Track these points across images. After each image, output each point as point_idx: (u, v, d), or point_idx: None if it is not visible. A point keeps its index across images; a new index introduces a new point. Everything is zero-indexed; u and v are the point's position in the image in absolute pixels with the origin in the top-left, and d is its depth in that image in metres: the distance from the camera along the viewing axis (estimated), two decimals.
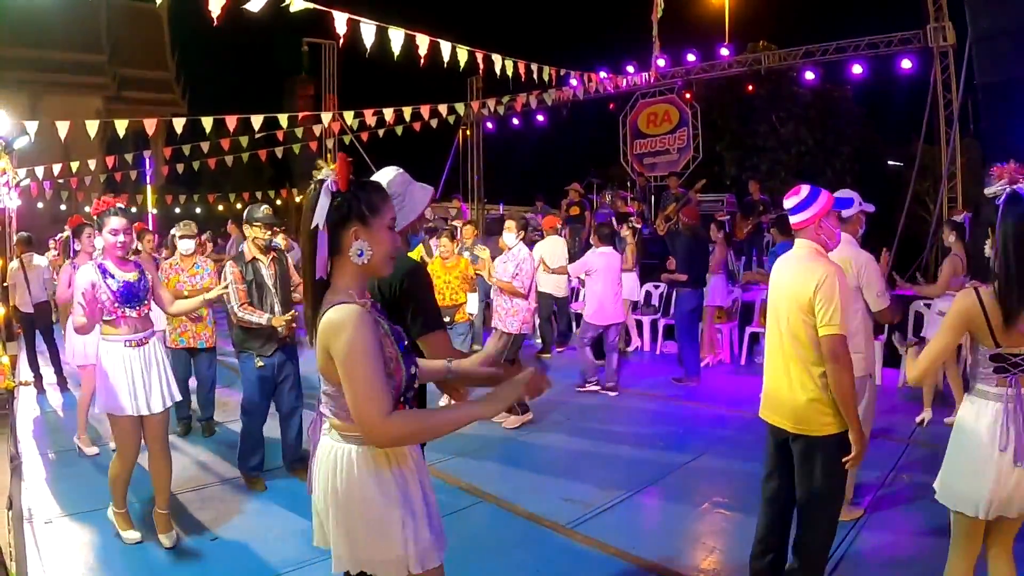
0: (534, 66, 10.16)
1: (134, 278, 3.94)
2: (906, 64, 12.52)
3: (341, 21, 6.97)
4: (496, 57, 9.20)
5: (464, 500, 4.66)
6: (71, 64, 28.13)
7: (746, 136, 23.82)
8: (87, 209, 4.05)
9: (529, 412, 6.39)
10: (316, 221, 1.84)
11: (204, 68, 34.42)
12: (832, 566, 3.65)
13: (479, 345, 9.90)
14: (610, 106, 17.93)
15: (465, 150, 20.16)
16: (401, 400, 1.94)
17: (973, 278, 5.94)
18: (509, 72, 9.52)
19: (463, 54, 8.42)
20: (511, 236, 6.82)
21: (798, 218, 3.17)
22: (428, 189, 2.59)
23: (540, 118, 18.55)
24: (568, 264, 9.05)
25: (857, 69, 13.64)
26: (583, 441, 6.04)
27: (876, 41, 12.98)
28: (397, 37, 7.45)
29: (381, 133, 15.06)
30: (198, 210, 25.36)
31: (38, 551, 3.87)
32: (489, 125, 19.82)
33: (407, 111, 13.50)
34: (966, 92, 11.74)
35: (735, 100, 23.10)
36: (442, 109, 13.56)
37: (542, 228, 10.41)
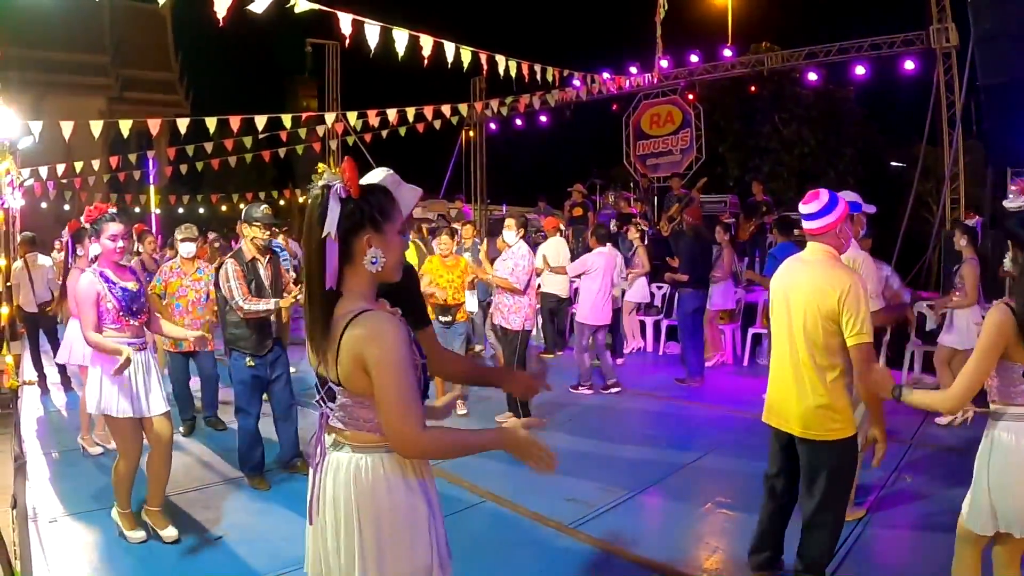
0: (537, 67, 10.16)
1: (134, 287, 3.98)
2: (909, 65, 12.55)
3: (346, 22, 6.97)
4: (500, 58, 9.20)
5: (467, 499, 4.66)
6: (75, 65, 28.22)
7: (749, 137, 23.83)
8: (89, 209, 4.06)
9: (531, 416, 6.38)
10: (328, 230, 1.74)
11: (207, 69, 34.60)
12: (834, 566, 3.65)
13: (480, 344, 9.90)
14: (613, 107, 17.97)
15: (468, 151, 20.18)
16: None
17: (987, 287, 5.95)
18: (512, 73, 9.52)
19: (467, 55, 8.42)
20: (511, 234, 6.75)
21: (819, 223, 3.10)
22: (417, 190, 2.61)
23: (543, 119, 18.59)
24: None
25: (860, 70, 13.69)
26: (586, 441, 6.04)
27: (879, 42, 13.01)
28: (401, 38, 7.46)
29: (384, 134, 15.09)
30: (201, 211, 25.39)
31: (43, 550, 3.88)
32: (492, 126, 19.85)
33: (410, 112, 13.50)
34: (969, 93, 11.75)
35: (738, 101, 23.13)
36: (445, 110, 13.57)
37: (543, 229, 10.39)
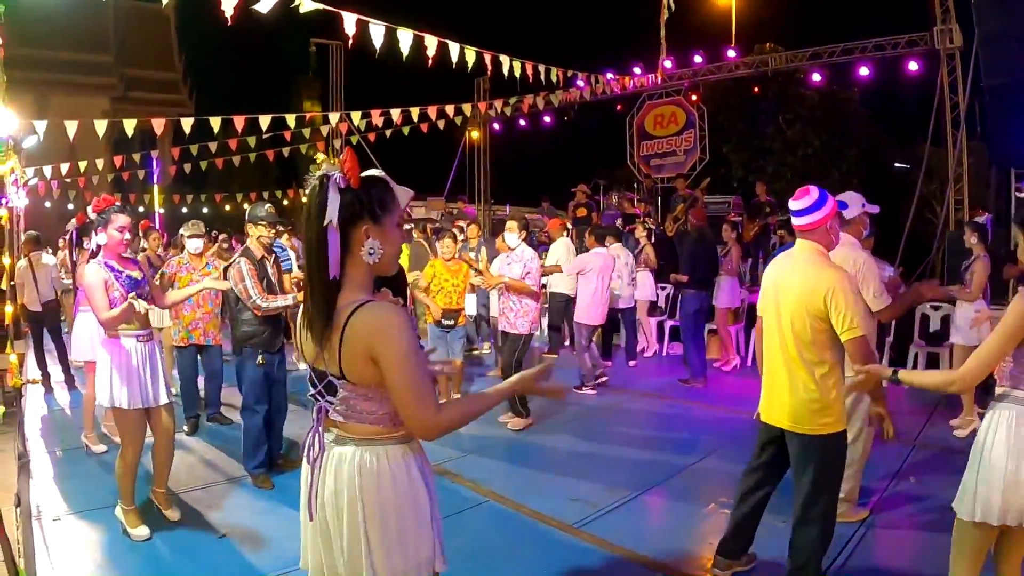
0: (541, 67, 10.16)
1: (138, 275, 4.07)
2: (913, 66, 12.51)
3: (350, 22, 6.97)
4: (504, 58, 9.19)
5: (471, 499, 4.67)
6: (79, 64, 28.22)
7: (753, 138, 23.83)
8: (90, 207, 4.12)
9: (531, 416, 6.39)
10: (328, 218, 1.74)
11: (211, 68, 34.64)
12: (838, 567, 3.66)
13: (482, 344, 9.90)
14: (617, 107, 17.95)
15: (472, 151, 20.18)
16: None
17: (994, 285, 6.00)
18: (517, 73, 9.51)
19: (471, 55, 8.42)
20: (513, 236, 6.50)
21: (808, 219, 3.16)
22: (408, 192, 2.62)
23: (547, 119, 18.59)
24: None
25: (864, 71, 13.65)
26: (589, 441, 6.05)
27: (883, 43, 12.98)
28: (405, 38, 7.46)
29: (388, 134, 15.09)
30: (205, 210, 25.42)
31: (46, 548, 3.89)
32: (496, 126, 19.84)
33: (414, 112, 13.50)
34: (973, 94, 11.72)
35: (742, 102, 23.13)
36: (449, 110, 13.57)
37: (548, 230, 10.36)
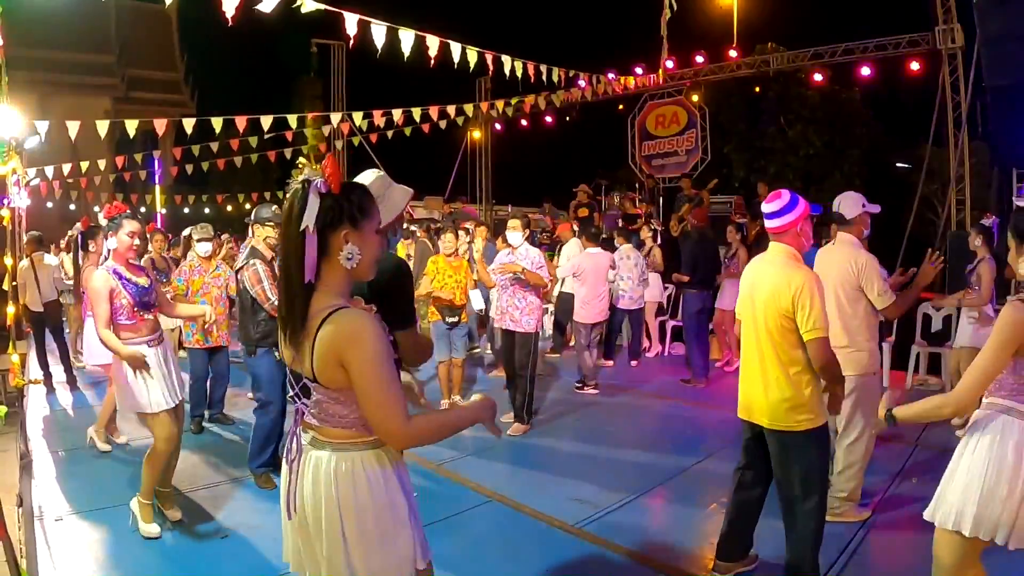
0: (543, 67, 10.17)
1: (145, 283, 4.09)
2: (914, 66, 12.50)
3: (352, 22, 6.98)
4: (505, 58, 9.19)
5: (473, 499, 4.67)
6: (80, 65, 28.31)
7: (754, 138, 23.83)
8: (96, 209, 4.15)
9: (530, 423, 6.38)
10: (306, 223, 1.77)
11: (212, 69, 34.62)
12: (840, 567, 3.66)
13: (481, 344, 9.89)
14: (618, 108, 17.95)
15: (474, 151, 20.18)
16: None
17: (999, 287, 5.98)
18: (518, 73, 9.52)
19: (472, 55, 8.42)
20: (516, 235, 6.34)
21: (780, 222, 3.24)
22: (408, 191, 2.62)
23: (549, 119, 18.60)
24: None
25: (865, 71, 13.64)
26: (591, 442, 6.04)
27: (884, 43, 12.98)
28: (407, 38, 7.47)
29: (390, 134, 15.10)
30: (207, 210, 25.44)
31: (48, 548, 3.89)
32: (498, 126, 19.85)
33: (416, 112, 13.51)
34: (974, 95, 11.71)
35: (743, 102, 23.13)
36: (451, 110, 13.58)
37: (558, 233, 10.33)
